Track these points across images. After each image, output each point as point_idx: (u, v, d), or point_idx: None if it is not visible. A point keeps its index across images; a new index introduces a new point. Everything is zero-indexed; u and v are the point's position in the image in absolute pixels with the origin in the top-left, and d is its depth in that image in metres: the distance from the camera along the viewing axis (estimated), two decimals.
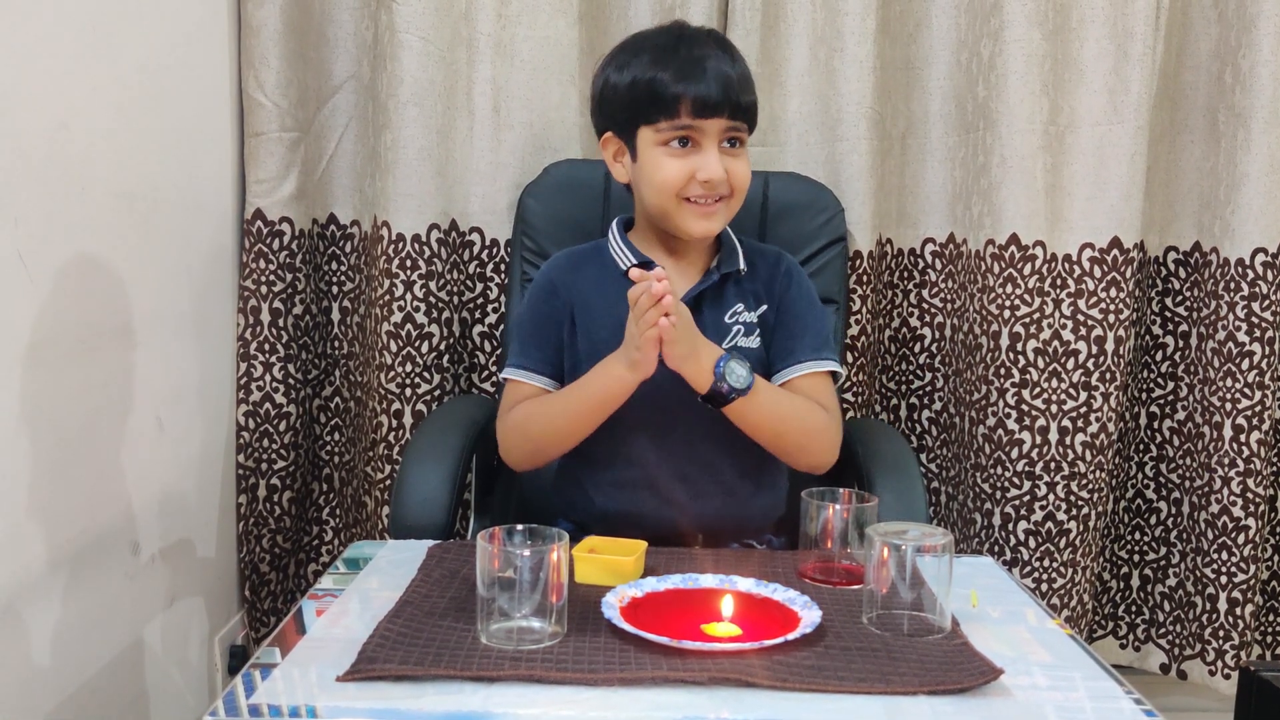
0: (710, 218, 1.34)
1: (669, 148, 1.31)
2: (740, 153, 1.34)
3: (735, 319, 1.39)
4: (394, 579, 1.15)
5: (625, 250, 1.40)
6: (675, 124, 1.29)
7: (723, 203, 1.34)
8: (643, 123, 1.32)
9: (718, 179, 1.30)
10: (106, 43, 1.47)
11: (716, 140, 1.31)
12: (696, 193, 1.32)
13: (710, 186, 1.31)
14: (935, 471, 1.98)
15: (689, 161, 1.31)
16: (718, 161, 1.30)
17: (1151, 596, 2.02)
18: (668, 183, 1.32)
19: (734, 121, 1.31)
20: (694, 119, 1.29)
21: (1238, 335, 1.84)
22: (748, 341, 1.39)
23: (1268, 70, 1.77)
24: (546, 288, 1.42)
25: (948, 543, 1.02)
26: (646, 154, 1.33)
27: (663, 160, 1.32)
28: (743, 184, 1.35)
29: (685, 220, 1.34)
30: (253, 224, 1.86)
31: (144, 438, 1.59)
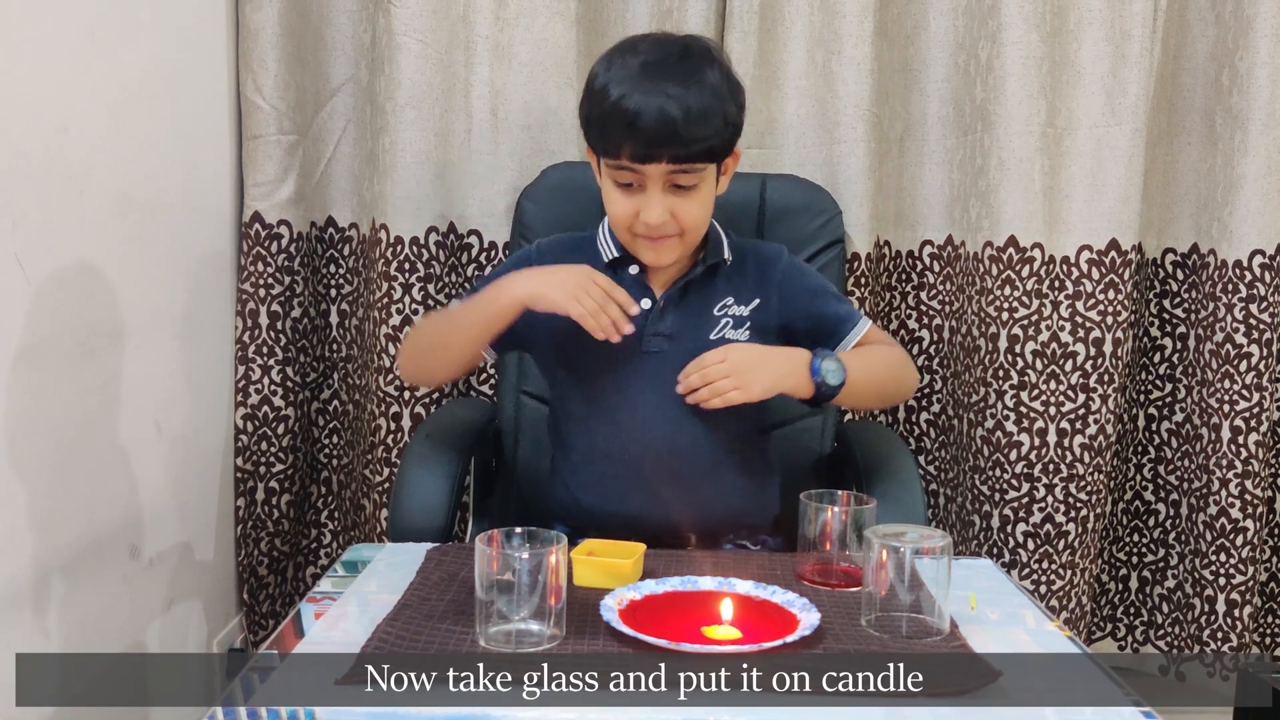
0: (660, 250, 1.33)
1: (617, 185, 1.31)
2: (692, 193, 1.30)
3: (724, 311, 1.39)
4: (392, 582, 1.14)
5: (609, 243, 1.40)
6: (618, 164, 1.28)
7: (673, 238, 1.32)
8: (597, 152, 1.33)
9: (656, 224, 1.29)
10: (105, 46, 1.47)
11: (660, 182, 1.28)
12: (643, 231, 1.31)
13: (652, 230, 1.30)
14: (934, 474, 1.98)
15: (635, 200, 1.30)
16: (660, 206, 1.28)
17: (1150, 598, 2.02)
18: (617, 218, 1.33)
19: (678, 165, 1.26)
20: (633, 164, 1.27)
21: (1235, 337, 1.84)
22: (736, 334, 1.38)
23: (1265, 72, 1.77)
24: (526, 258, 1.42)
25: (946, 545, 1.02)
26: (604, 181, 1.33)
27: (612, 194, 1.32)
28: (693, 223, 1.31)
29: (639, 250, 1.35)
30: (251, 227, 1.85)
31: (142, 440, 1.59)
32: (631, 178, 1.29)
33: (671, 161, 1.26)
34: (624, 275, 1.38)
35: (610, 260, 1.39)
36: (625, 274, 1.38)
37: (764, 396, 1.28)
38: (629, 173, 1.28)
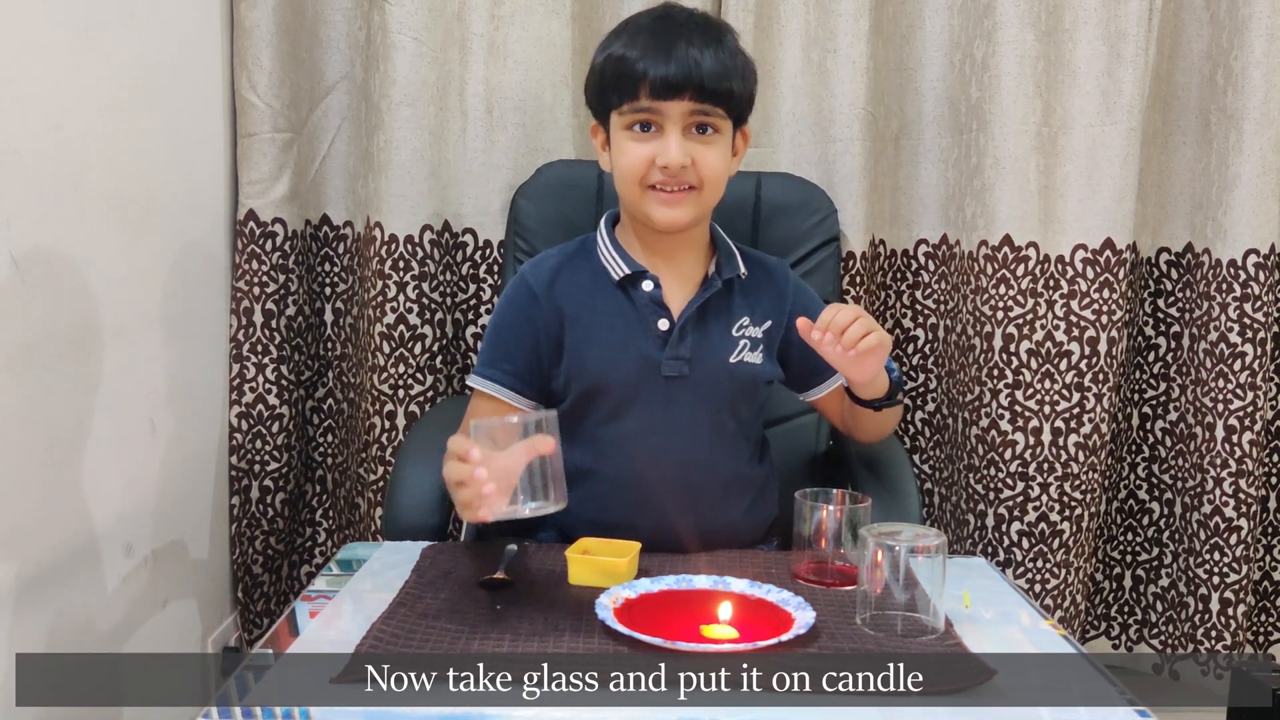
0: (674, 206, 1.27)
1: (632, 132, 1.26)
2: (712, 140, 1.26)
3: (742, 333, 1.34)
4: (387, 580, 1.14)
5: (616, 257, 1.32)
6: (635, 106, 1.24)
7: (690, 193, 1.27)
8: (610, 106, 1.28)
9: (675, 164, 1.23)
10: (99, 44, 1.46)
11: (680, 124, 1.24)
12: (658, 179, 1.25)
13: (669, 172, 1.24)
14: (928, 472, 1.98)
15: (650, 146, 1.25)
16: (678, 146, 1.23)
17: (1144, 597, 2.02)
18: (629, 168, 1.26)
19: (698, 104, 1.23)
20: (653, 100, 1.23)
21: (1230, 336, 1.85)
22: (753, 357, 1.34)
23: (1259, 72, 1.77)
24: (525, 294, 1.34)
25: (941, 544, 1.02)
26: (616, 141, 1.28)
27: (626, 144, 1.26)
28: (712, 174, 1.27)
29: (649, 208, 1.27)
30: (245, 225, 1.85)
31: (136, 439, 1.59)
32: (649, 117, 1.25)
33: (694, 99, 1.23)
34: (636, 294, 1.31)
35: (620, 279, 1.32)
36: (639, 292, 1.31)
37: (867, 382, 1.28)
38: (646, 113, 1.24)
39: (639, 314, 1.31)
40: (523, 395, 1.33)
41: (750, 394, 1.36)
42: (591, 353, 1.30)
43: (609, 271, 1.33)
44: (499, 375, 1.33)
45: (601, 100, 1.30)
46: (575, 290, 1.33)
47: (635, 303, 1.32)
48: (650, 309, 1.31)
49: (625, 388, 1.30)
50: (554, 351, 1.32)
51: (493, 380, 1.33)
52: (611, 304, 1.32)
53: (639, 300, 1.31)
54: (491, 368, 1.34)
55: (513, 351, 1.33)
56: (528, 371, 1.33)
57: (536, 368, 1.33)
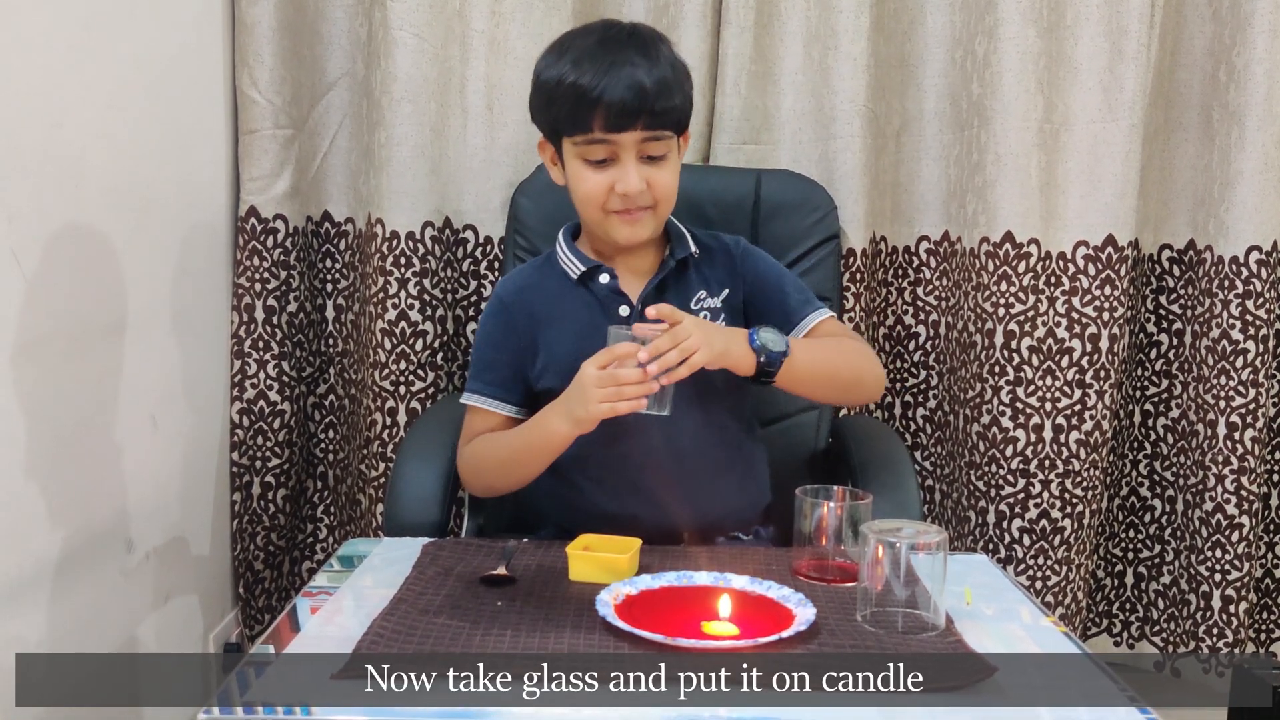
0: (635, 224, 1.33)
1: (588, 162, 1.30)
2: (663, 160, 1.31)
3: (700, 305, 1.39)
4: (388, 577, 1.14)
5: (573, 258, 1.39)
6: (589, 137, 1.28)
7: (648, 211, 1.33)
8: (563, 134, 1.32)
9: (635, 192, 1.29)
10: (101, 41, 1.46)
11: (634, 152, 1.29)
12: (618, 205, 1.31)
13: (629, 200, 1.30)
14: (929, 469, 1.98)
15: (608, 174, 1.30)
16: (636, 175, 1.29)
17: (1145, 594, 2.02)
18: (589, 196, 1.32)
19: (650, 131, 1.28)
20: (607, 133, 1.27)
21: (1232, 333, 1.85)
22: None
23: (1262, 68, 1.77)
24: (496, 307, 1.42)
25: (942, 540, 1.02)
26: (570, 165, 1.33)
27: (583, 173, 1.31)
28: (665, 193, 1.33)
29: (612, 229, 1.34)
30: (247, 221, 1.85)
31: (138, 435, 1.59)
32: (604, 151, 1.29)
33: (645, 128, 1.27)
34: (596, 287, 1.38)
35: (579, 276, 1.38)
36: (597, 285, 1.38)
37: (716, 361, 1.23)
38: (601, 146, 1.28)
39: (601, 305, 1.37)
40: (509, 403, 1.39)
41: None
42: (563, 346, 1.35)
43: (568, 272, 1.40)
44: (485, 388, 1.40)
45: (552, 124, 1.34)
46: (542, 294, 1.40)
47: (596, 295, 1.38)
48: (611, 299, 1.37)
49: None
50: (530, 353, 1.38)
51: (480, 394, 1.40)
52: (575, 300, 1.38)
53: (599, 293, 1.38)
54: (477, 381, 1.41)
55: (495, 362, 1.40)
56: (511, 379, 1.39)
57: (519, 373, 1.39)
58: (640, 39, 1.31)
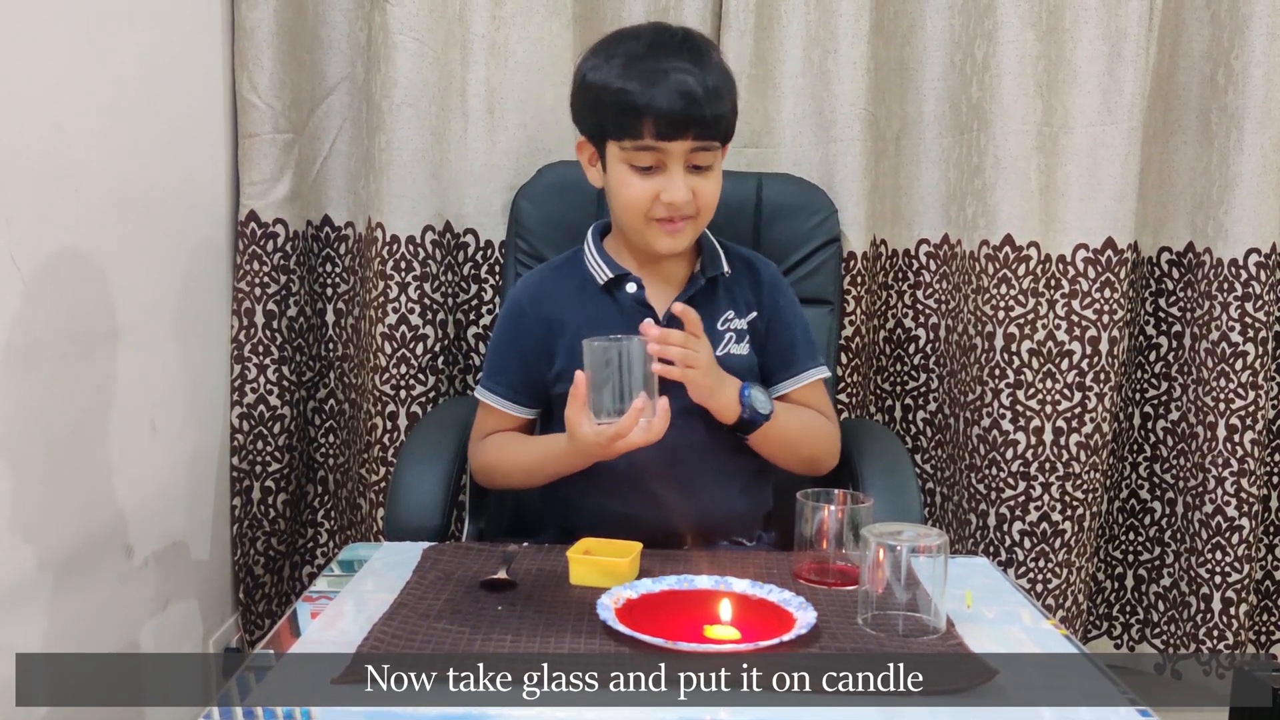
0: (676, 236, 1.31)
1: (634, 168, 1.29)
2: (709, 170, 1.30)
3: (727, 326, 1.38)
4: (389, 581, 1.14)
5: (601, 263, 1.38)
6: (639, 144, 1.26)
7: (690, 220, 1.31)
8: (609, 137, 1.30)
9: (681, 202, 1.28)
10: (101, 45, 1.46)
11: (682, 161, 1.27)
12: (662, 214, 1.29)
13: (675, 209, 1.29)
14: (930, 472, 1.98)
15: (654, 182, 1.28)
16: (683, 184, 1.27)
17: (1146, 596, 2.02)
18: (633, 203, 1.30)
19: (700, 141, 1.27)
20: (657, 140, 1.25)
21: (1231, 336, 1.85)
22: (739, 349, 1.38)
23: (1260, 71, 1.77)
24: (515, 309, 1.41)
25: (943, 543, 1.02)
26: (614, 169, 1.31)
27: (628, 178, 1.29)
28: (709, 203, 1.32)
29: (652, 238, 1.32)
30: (246, 225, 1.85)
31: (137, 440, 1.59)
32: (652, 159, 1.27)
33: (695, 138, 1.26)
34: (622, 296, 1.36)
35: (605, 282, 1.37)
36: (623, 294, 1.36)
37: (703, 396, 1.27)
38: (650, 153, 1.27)
39: (624, 316, 1.35)
40: (520, 405, 1.40)
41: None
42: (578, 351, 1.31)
43: (594, 277, 1.38)
44: (498, 388, 1.40)
45: (597, 127, 1.32)
46: (562, 298, 1.39)
47: (621, 304, 1.36)
48: (635, 310, 1.35)
49: None
50: (545, 360, 1.38)
51: (493, 393, 1.40)
52: (598, 308, 1.37)
53: (624, 302, 1.36)
54: (491, 380, 1.41)
55: (509, 365, 1.40)
56: (522, 384, 1.39)
57: (530, 379, 1.39)
58: (693, 45, 1.29)
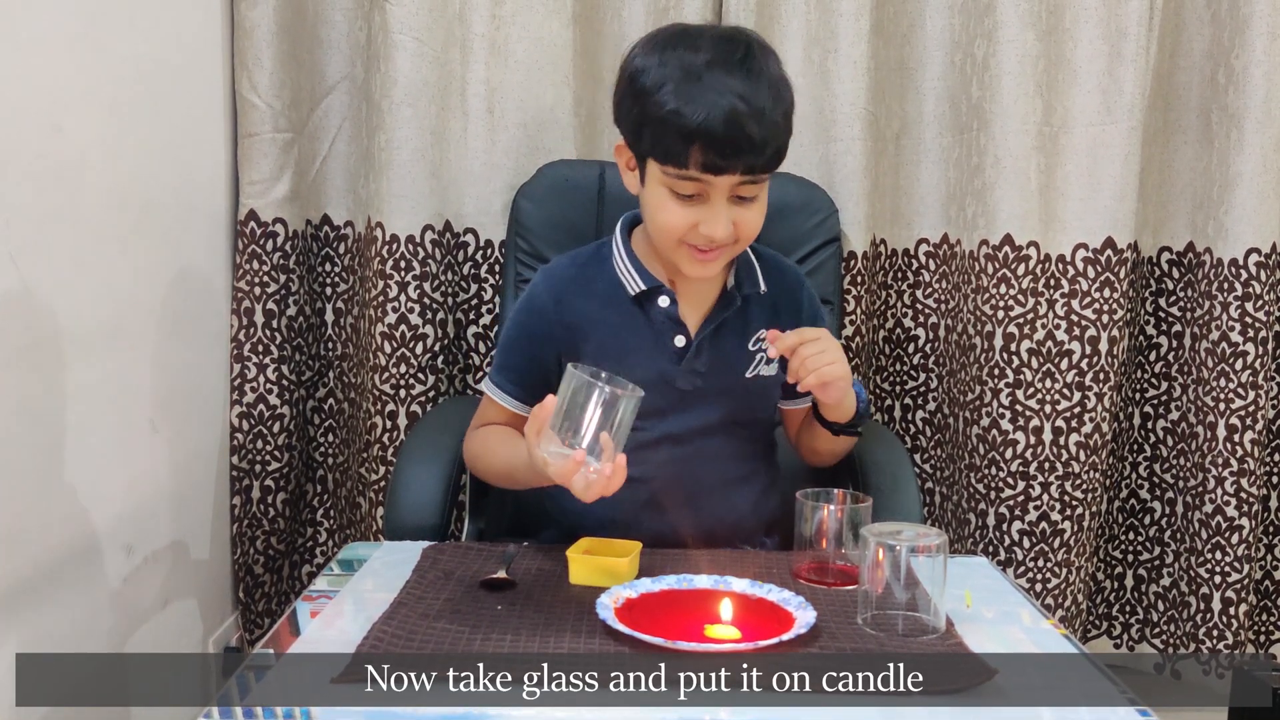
0: (708, 264, 1.24)
1: (675, 194, 1.20)
2: (754, 201, 1.22)
3: (758, 346, 1.33)
4: (388, 580, 1.14)
5: (633, 272, 1.30)
6: (683, 174, 1.17)
7: (725, 248, 1.23)
8: (652, 157, 1.20)
9: (721, 238, 1.20)
10: (100, 44, 1.46)
11: (726, 194, 1.19)
12: (699, 242, 1.21)
13: (711, 242, 1.21)
14: (929, 472, 1.98)
15: (694, 212, 1.20)
16: (725, 219, 1.19)
17: (1145, 596, 2.02)
18: (669, 228, 1.22)
19: (747, 176, 1.18)
20: (703, 173, 1.17)
21: (1231, 335, 1.85)
22: (768, 370, 1.34)
23: (1260, 70, 1.77)
24: (535, 305, 1.33)
25: (942, 543, 1.02)
26: (653, 188, 1.22)
27: (667, 203, 1.21)
28: (749, 233, 1.24)
29: (682, 262, 1.25)
30: (246, 225, 1.85)
31: (137, 439, 1.59)
32: (695, 188, 1.19)
33: (744, 172, 1.17)
34: (653, 309, 1.30)
35: (636, 294, 1.30)
36: (655, 308, 1.30)
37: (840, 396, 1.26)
38: (694, 183, 1.18)
39: (654, 330, 1.30)
40: (527, 404, 1.32)
41: (764, 402, 1.39)
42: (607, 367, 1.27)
43: (625, 285, 1.31)
44: (508, 386, 1.34)
45: (640, 141, 1.22)
46: (588, 303, 1.31)
47: (651, 318, 1.30)
48: (666, 325, 1.30)
49: None
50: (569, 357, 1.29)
51: (502, 390, 1.35)
52: (626, 318, 1.31)
53: (655, 316, 1.30)
54: (500, 374, 1.35)
55: (521, 364, 1.34)
56: (535, 385, 1.31)
57: (544, 381, 1.30)
58: (754, 65, 1.18)
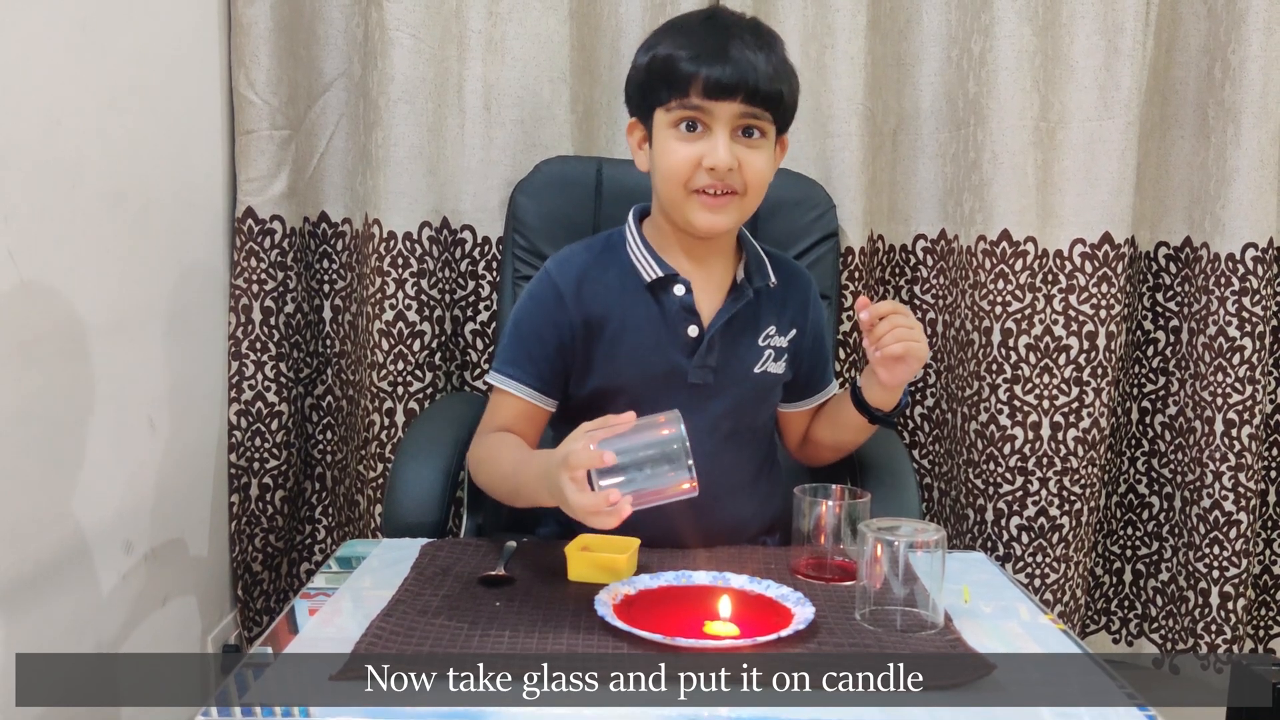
0: (717, 211, 1.24)
1: (678, 130, 1.22)
2: (759, 144, 1.24)
3: (768, 343, 1.34)
4: (386, 578, 1.14)
5: (648, 259, 1.30)
6: (684, 103, 1.20)
7: (733, 198, 1.24)
8: (656, 103, 1.24)
9: (723, 166, 1.20)
10: (97, 41, 1.46)
11: (728, 126, 1.21)
12: (704, 182, 1.22)
13: (717, 175, 1.21)
14: (928, 467, 1.98)
15: (697, 147, 1.21)
16: (726, 148, 1.20)
17: (1144, 591, 2.02)
18: (675, 168, 1.23)
19: (749, 107, 1.20)
20: (704, 99, 1.20)
21: (1228, 330, 1.85)
22: (775, 367, 1.35)
23: (1257, 65, 1.77)
24: (551, 293, 1.30)
25: (940, 538, 1.02)
26: (658, 137, 1.25)
27: (671, 144, 1.23)
28: (757, 179, 1.24)
29: (692, 212, 1.24)
30: (244, 222, 1.85)
31: (135, 436, 1.59)
32: (698, 116, 1.21)
33: (746, 101, 1.20)
34: (668, 299, 1.29)
35: (652, 281, 1.29)
36: (670, 296, 1.29)
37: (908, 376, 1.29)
38: (696, 112, 1.21)
39: (668, 319, 1.30)
40: (545, 395, 1.31)
41: (769, 400, 1.40)
42: (620, 359, 1.29)
43: (640, 273, 1.30)
44: (522, 375, 1.30)
45: (646, 97, 1.26)
46: (603, 293, 1.30)
47: (665, 307, 1.30)
48: (680, 315, 1.29)
49: (650, 393, 1.27)
50: (578, 356, 1.30)
51: (515, 380, 1.30)
52: (641, 308, 1.30)
53: (669, 305, 1.30)
54: (514, 366, 1.31)
55: (535, 352, 1.30)
56: (550, 374, 1.30)
57: (559, 370, 1.30)
58: (755, 26, 1.26)
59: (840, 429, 1.41)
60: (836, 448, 1.44)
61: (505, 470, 1.23)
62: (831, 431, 1.43)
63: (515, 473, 1.20)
